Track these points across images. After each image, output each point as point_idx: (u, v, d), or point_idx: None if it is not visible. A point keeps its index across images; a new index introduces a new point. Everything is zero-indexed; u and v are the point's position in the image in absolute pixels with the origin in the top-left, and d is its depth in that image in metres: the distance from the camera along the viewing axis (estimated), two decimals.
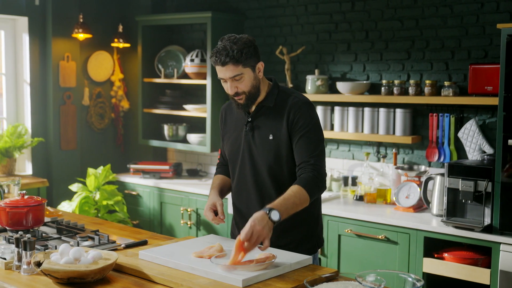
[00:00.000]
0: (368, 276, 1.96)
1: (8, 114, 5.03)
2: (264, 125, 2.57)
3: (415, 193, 3.84)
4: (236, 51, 2.43)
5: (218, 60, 2.45)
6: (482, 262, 3.37)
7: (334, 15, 4.49)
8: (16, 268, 2.32)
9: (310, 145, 2.50)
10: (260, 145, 2.57)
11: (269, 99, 2.57)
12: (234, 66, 2.44)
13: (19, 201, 2.71)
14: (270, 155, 2.55)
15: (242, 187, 2.66)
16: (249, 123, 2.60)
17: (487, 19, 3.84)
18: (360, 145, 4.44)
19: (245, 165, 2.62)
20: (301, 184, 2.44)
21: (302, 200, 2.43)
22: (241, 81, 2.48)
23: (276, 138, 2.54)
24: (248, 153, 2.60)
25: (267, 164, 2.56)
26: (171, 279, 2.16)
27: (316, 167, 2.48)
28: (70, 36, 5.10)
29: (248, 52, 2.46)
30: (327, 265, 3.89)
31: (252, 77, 2.51)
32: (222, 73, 2.48)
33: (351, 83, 4.23)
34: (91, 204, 4.74)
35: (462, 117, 3.95)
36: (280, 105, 2.56)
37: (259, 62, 2.53)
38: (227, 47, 2.44)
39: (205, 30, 5.20)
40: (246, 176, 2.63)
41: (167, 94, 5.30)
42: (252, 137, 2.59)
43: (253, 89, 2.52)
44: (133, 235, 2.89)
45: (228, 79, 2.48)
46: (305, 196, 2.43)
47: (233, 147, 2.66)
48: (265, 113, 2.58)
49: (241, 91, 2.51)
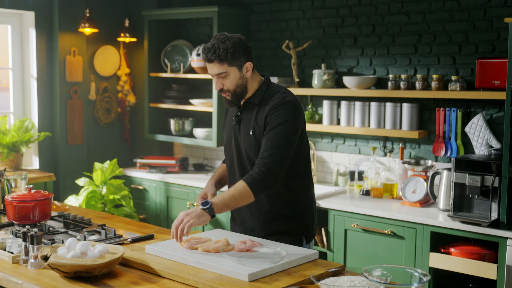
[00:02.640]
0: (374, 270, 1.95)
1: (15, 109, 5.05)
2: (247, 120, 2.67)
3: (422, 188, 3.83)
4: (222, 50, 2.55)
5: (204, 57, 2.60)
6: (489, 257, 3.36)
7: (341, 9, 4.47)
8: (23, 262, 2.33)
9: (271, 141, 2.53)
10: (244, 139, 2.68)
11: (255, 96, 2.67)
12: (219, 64, 2.57)
13: (26, 196, 2.72)
14: (251, 150, 2.65)
15: (232, 178, 2.78)
16: (236, 117, 2.71)
17: (494, 13, 3.81)
18: (366, 140, 4.43)
19: (234, 157, 2.74)
20: (246, 180, 2.50)
21: (244, 195, 2.48)
22: (226, 79, 2.60)
23: (255, 134, 2.63)
24: (236, 146, 2.72)
25: (250, 159, 2.67)
26: (177, 273, 2.17)
27: (267, 164, 2.50)
28: (76, 31, 5.10)
29: (235, 52, 2.56)
30: (334, 260, 3.89)
31: (238, 76, 2.61)
32: (209, 69, 2.62)
33: (357, 78, 4.22)
34: (97, 199, 4.75)
35: (469, 112, 3.93)
36: (264, 102, 2.64)
37: (248, 62, 2.62)
38: (215, 45, 2.57)
39: (211, 24, 5.20)
40: (234, 167, 2.75)
41: (173, 89, 5.30)
42: (238, 131, 2.70)
43: (238, 88, 2.63)
44: (139, 229, 2.90)
45: (213, 75, 2.62)
46: (247, 191, 2.47)
47: (227, 139, 2.80)
48: (250, 109, 2.68)
49: (226, 89, 2.63)
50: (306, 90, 4.44)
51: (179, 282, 2.15)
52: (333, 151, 4.59)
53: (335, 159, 4.58)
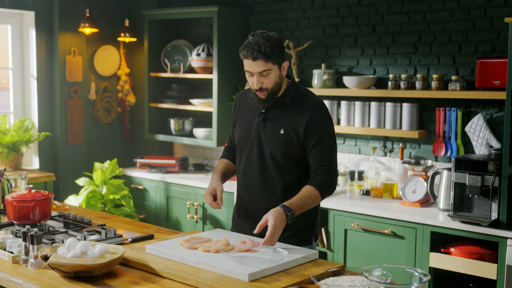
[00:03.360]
0: (374, 270, 1.95)
1: (15, 109, 5.05)
2: (277, 119, 2.65)
3: (422, 188, 3.83)
4: (268, 48, 2.52)
5: (250, 55, 2.53)
6: (489, 257, 3.36)
7: (341, 9, 4.47)
8: (23, 262, 2.33)
9: (326, 150, 2.62)
10: (270, 137, 2.64)
11: (286, 96, 2.66)
12: (264, 62, 2.53)
13: (26, 195, 2.72)
14: (278, 149, 2.63)
15: (247, 174, 2.74)
16: (262, 114, 2.67)
17: (494, 12, 3.81)
18: (366, 140, 4.43)
19: (253, 153, 2.70)
20: (316, 185, 2.57)
21: (315, 201, 2.58)
22: (268, 77, 2.57)
23: (288, 134, 2.62)
24: (257, 143, 2.68)
25: (274, 156, 2.64)
26: (178, 273, 2.17)
27: (331, 171, 2.61)
28: (76, 31, 5.10)
29: (279, 51, 2.56)
30: (334, 260, 3.89)
31: (278, 75, 2.59)
32: (251, 67, 2.55)
33: (357, 78, 4.22)
34: (97, 198, 4.75)
35: (469, 112, 3.93)
36: (296, 103, 2.65)
37: (285, 61, 2.63)
38: (259, 42, 2.52)
39: (211, 24, 5.20)
40: (252, 164, 2.71)
41: (174, 89, 5.30)
42: (263, 128, 2.67)
43: (276, 87, 2.61)
44: (139, 229, 2.90)
45: (256, 73, 2.55)
46: (318, 197, 2.57)
47: (244, 134, 2.74)
48: (280, 108, 2.66)
49: (265, 87, 2.59)
50: None
51: (179, 282, 2.15)
52: None
53: None
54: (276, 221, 2.38)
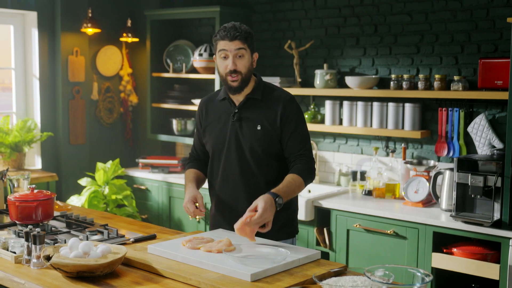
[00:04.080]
0: (376, 271, 1.95)
1: (18, 109, 5.06)
2: (252, 116, 2.70)
3: (424, 188, 3.83)
4: (244, 32, 2.63)
5: (227, 35, 2.61)
6: (491, 257, 3.35)
7: (343, 9, 4.47)
8: (26, 262, 2.33)
9: (302, 139, 2.70)
10: (247, 135, 2.68)
11: (256, 92, 2.72)
12: (241, 42, 2.62)
13: (28, 195, 2.72)
14: (257, 145, 2.68)
15: (227, 177, 2.75)
16: (236, 114, 2.71)
17: (497, 13, 3.81)
18: (369, 140, 4.43)
19: (232, 154, 2.72)
20: (298, 173, 2.63)
21: (299, 188, 2.64)
22: (242, 59, 2.64)
23: (265, 129, 2.67)
24: (235, 143, 2.71)
25: (255, 153, 2.69)
26: (180, 273, 2.17)
27: (310, 159, 2.70)
28: (79, 31, 5.11)
29: (252, 38, 2.68)
30: (336, 260, 3.88)
31: (250, 61, 2.68)
32: (228, 46, 2.62)
33: (360, 78, 4.22)
34: (100, 199, 4.75)
35: (471, 112, 3.93)
36: (267, 98, 2.71)
37: (255, 53, 2.72)
38: (235, 26, 2.63)
39: (213, 24, 5.20)
40: (232, 165, 2.73)
41: (176, 89, 5.30)
42: (239, 127, 2.70)
43: (248, 73, 2.68)
44: (142, 229, 2.90)
45: (232, 52, 2.61)
46: (302, 184, 2.64)
47: (219, 138, 2.76)
48: (253, 105, 2.71)
49: (239, 70, 2.64)
50: (308, 90, 4.44)
51: (182, 282, 2.15)
52: (335, 151, 4.59)
53: (337, 159, 4.58)
54: (266, 204, 2.40)
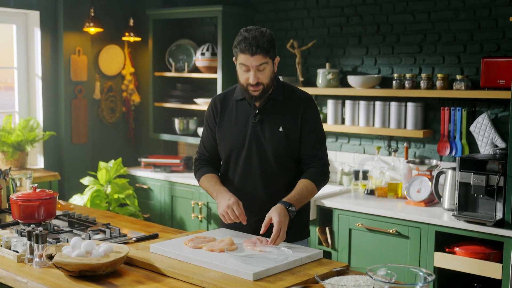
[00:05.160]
0: (379, 270, 1.95)
1: (20, 108, 5.06)
2: (274, 117, 2.65)
3: (427, 187, 3.82)
4: (266, 43, 2.52)
5: (248, 50, 2.51)
6: (493, 257, 3.35)
7: (345, 8, 4.47)
8: (28, 261, 2.34)
9: (318, 141, 2.68)
10: (269, 136, 2.64)
11: (277, 93, 2.67)
12: (263, 56, 2.53)
13: (31, 195, 2.73)
14: (279, 146, 2.64)
15: (247, 178, 2.70)
16: (257, 115, 2.66)
17: (499, 12, 3.80)
18: (371, 139, 4.42)
19: (252, 156, 2.67)
20: (311, 178, 2.62)
21: (312, 194, 2.63)
22: (264, 72, 2.56)
23: (286, 130, 2.63)
24: (256, 144, 2.66)
25: (276, 155, 2.64)
26: (182, 272, 2.17)
27: (324, 162, 2.68)
28: (81, 30, 5.11)
29: (274, 46, 2.58)
30: (338, 259, 3.88)
31: (272, 70, 2.60)
32: (249, 61, 2.53)
33: (362, 77, 4.21)
34: (102, 198, 4.76)
35: (474, 111, 3.92)
36: (288, 99, 2.67)
37: (277, 57, 2.65)
38: (257, 38, 2.52)
39: (215, 23, 5.20)
40: (252, 167, 2.68)
41: (178, 88, 5.30)
42: (261, 129, 2.65)
43: (270, 82, 2.61)
44: (144, 229, 2.90)
45: (253, 67, 2.54)
46: (314, 190, 2.63)
47: (237, 139, 2.69)
48: (274, 105, 2.66)
49: (261, 82, 2.57)
50: (311, 89, 4.44)
51: (184, 281, 2.15)
52: (338, 150, 4.59)
53: (339, 158, 4.58)
54: (280, 217, 2.41)
